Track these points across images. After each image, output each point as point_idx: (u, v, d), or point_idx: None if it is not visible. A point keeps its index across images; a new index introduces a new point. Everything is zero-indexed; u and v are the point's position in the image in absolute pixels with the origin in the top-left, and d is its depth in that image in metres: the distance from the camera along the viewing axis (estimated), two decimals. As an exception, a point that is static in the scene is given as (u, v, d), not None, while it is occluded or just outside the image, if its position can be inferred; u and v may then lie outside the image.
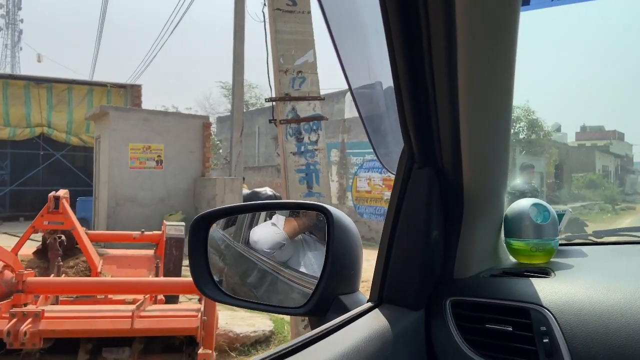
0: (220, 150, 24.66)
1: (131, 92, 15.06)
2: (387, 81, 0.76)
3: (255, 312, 5.00)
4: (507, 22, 0.64)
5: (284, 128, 3.83)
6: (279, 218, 1.10)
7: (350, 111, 18.88)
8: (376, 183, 15.27)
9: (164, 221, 4.60)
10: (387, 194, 14.85)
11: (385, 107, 0.88)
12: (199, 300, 3.61)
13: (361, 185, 15.77)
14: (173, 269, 4.54)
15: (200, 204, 10.65)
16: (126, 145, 10.54)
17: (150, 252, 4.76)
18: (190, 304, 4.13)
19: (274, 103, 3.89)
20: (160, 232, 4.60)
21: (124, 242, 5.55)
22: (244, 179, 10.99)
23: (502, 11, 0.63)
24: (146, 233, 4.87)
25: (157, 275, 4.38)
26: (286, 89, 3.86)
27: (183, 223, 5.19)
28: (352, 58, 0.85)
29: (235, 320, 5.00)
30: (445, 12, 0.62)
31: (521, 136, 21.26)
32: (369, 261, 0.89)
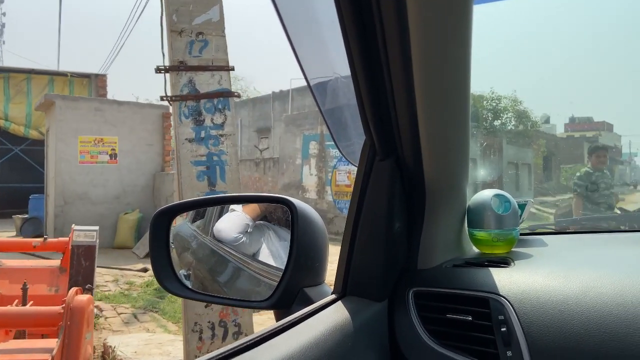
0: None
1: (95, 82, 13.99)
2: (346, 71, 0.74)
3: (180, 335, 4.19)
4: (460, 11, 0.64)
5: (178, 107, 2.83)
6: (235, 205, 1.08)
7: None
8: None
9: (73, 226, 3.85)
10: None
11: (345, 99, 0.86)
12: (60, 334, 2.63)
13: (341, 179, 14.90)
14: (82, 282, 3.79)
15: (160, 201, 9.67)
16: (75, 137, 9.58)
17: (56, 262, 4.04)
18: (42, 341, 3.15)
19: (165, 74, 2.88)
20: (67, 238, 3.92)
21: (25, 252, 4.55)
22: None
23: (455, 2, 0.62)
24: (50, 240, 4.16)
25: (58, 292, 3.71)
26: (181, 55, 2.87)
27: (96, 227, 4.30)
28: (307, 49, 0.82)
29: (149, 348, 4.03)
30: (397, 2, 0.61)
31: (508, 127, 20.46)
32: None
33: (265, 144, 23.42)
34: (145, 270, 8.27)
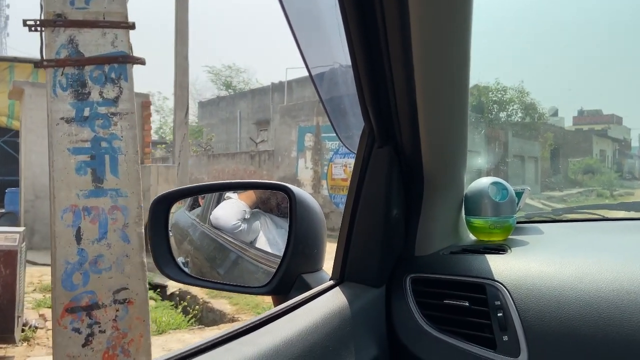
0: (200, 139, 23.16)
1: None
2: (346, 60, 0.75)
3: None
4: (460, 5, 0.65)
5: (52, 75, 2.03)
6: (232, 194, 1.09)
7: (326, 91, 16.78)
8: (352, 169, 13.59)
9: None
10: None
11: (345, 88, 0.86)
12: None
13: (337, 173, 14.14)
14: (2, 293, 3.39)
15: (138, 196, 8.86)
16: (46, 127, 8.75)
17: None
18: None
19: (41, 31, 2.07)
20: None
21: None
22: (183, 165, 9.24)
23: None
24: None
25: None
26: (59, 6, 2.04)
27: (20, 229, 3.58)
28: (309, 37, 0.82)
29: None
30: None
31: (514, 119, 19.63)
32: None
33: (265, 137, 22.63)
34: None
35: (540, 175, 19.57)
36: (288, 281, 0.87)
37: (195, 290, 6.86)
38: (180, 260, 1.02)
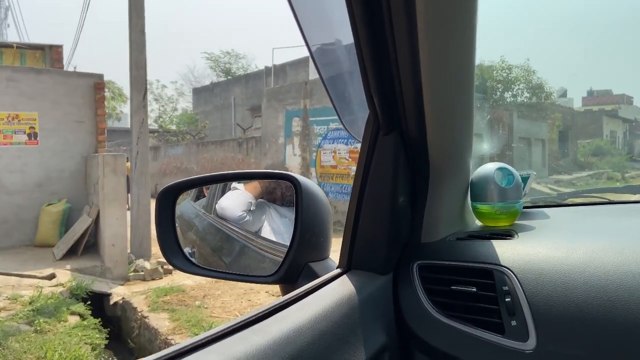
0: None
1: (50, 54, 12.00)
2: (348, 39, 0.73)
3: None
4: None
5: None
6: (237, 184, 1.10)
7: (314, 72, 15.43)
8: (342, 156, 12.35)
9: None
10: (354, 168, 11.87)
11: (348, 69, 0.83)
12: None
13: (326, 159, 12.84)
14: None
15: (92, 188, 7.74)
16: None
17: None
18: None
19: None
20: None
21: None
22: (130, 158, 7.98)
23: None
24: None
25: None
26: None
27: None
28: (309, 13, 0.78)
29: None
30: None
31: (520, 99, 18.36)
32: (335, 252, 0.88)
33: (259, 123, 21.27)
34: (52, 277, 6.36)
35: (548, 158, 18.60)
36: (295, 270, 0.87)
37: (137, 302, 5.75)
38: (186, 250, 1.03)
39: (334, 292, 0.73)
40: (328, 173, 12.94)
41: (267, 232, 1.03)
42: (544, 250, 0.79)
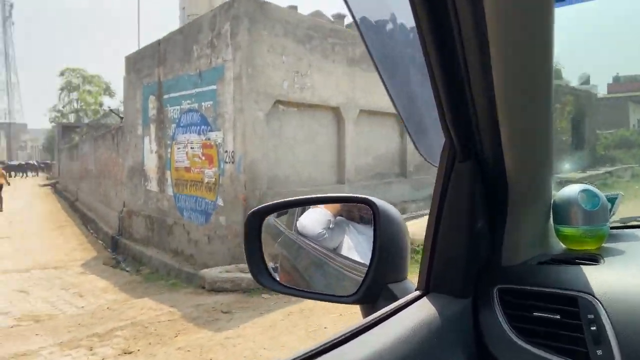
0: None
1: None
2: (424, 69, 0.75)
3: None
4: (541, 8, 0.62)
5: None
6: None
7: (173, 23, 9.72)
8: (195, 153, 7.17)
9: None
10: (209, 173, 7.92)
11: (423, 104, 0.86)
12: None
13: (180, 158, 8.32)
14: None
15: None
16: None
17: None
18: None
19: None
20: None
21: None
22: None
23: (535, 5, 0.62)
24: None
25: None
26: None
27: None
28: (389, 70, 0.83)
29: None
30: (474, 6, 0.62)
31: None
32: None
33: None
34: None
35: (554, 151, 14.24)
36: (375, 291, 0.88)
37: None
38: (270, 265, 1.08)
39: (414, 315, 0.74)
40: (183, 180, 8.08)
41: (346, 250, 1.05)
42: (632, 276, 0.77)
